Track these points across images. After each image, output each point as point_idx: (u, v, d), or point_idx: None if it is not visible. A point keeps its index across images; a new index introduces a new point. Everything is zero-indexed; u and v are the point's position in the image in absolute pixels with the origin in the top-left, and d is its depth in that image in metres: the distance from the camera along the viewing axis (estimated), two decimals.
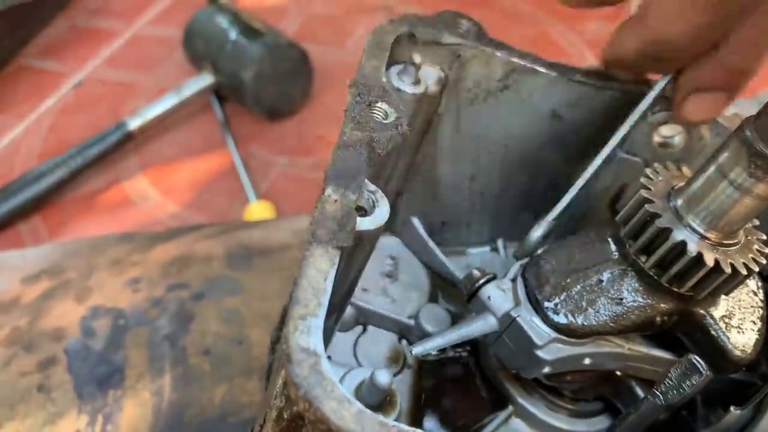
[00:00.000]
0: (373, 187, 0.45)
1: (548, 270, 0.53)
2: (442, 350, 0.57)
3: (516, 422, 0.60)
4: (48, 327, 0.86)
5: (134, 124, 1.10)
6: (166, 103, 1.13)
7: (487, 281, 0.54)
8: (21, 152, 1.14)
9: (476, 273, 0.54)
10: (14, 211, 1.02)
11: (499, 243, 0.72)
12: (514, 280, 0.54)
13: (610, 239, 0.53)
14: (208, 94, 1.18)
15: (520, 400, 0.60)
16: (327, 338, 0.57)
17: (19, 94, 1.24)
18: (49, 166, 1.05)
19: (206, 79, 1.16)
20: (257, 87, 1.11)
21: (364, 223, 0.43)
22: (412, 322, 0.64)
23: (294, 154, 1.12)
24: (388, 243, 0.70)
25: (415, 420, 0.58)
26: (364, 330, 0.64)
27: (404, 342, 0.64)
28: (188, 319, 0.87)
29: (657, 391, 0.48)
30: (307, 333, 0.37)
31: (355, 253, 0.44)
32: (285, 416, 0.38)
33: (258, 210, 1.03)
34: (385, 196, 0.45)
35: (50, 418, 0.78)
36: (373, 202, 0.45)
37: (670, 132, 0.61)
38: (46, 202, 1.05)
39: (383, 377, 0.41)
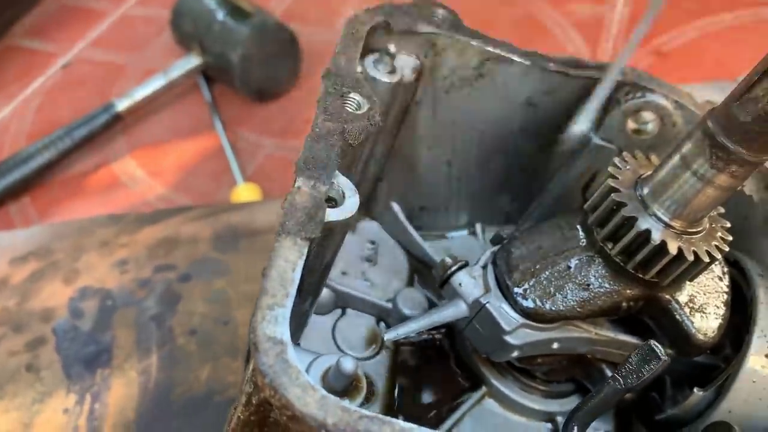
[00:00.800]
0: (343, 179, 0.46)
1: (518, 256, 0.54)
2: (419, 333, 0.59)
3: (489, 402, 0.62)
4: (36, 308, 0.88)
5: (122, 105, 1.11)
6: (154, 84, 1.14)
7: (459, 268, 0.55)
8: (9, 132, 1.15)
9: (448, 260, 0.55)
10: (3, 191, 1.03)
11: (478, 227, 0.73)
12: (485, 267, 0.55)
13: (578, 226, 0.54)
14: (196, 75, 1.18)
15: (493, 381, 0.61)
16: (302, 321, 0.58)
17: (7, 74, 1.25)
18: (37, 147, 1.05)
19: (194, 60, 1.16)
20: (245, 68, 1.11)
21: (333, 215, 0.44)
22: (390, 305, 0.65)
23: (281, 137, 1.13)
24: (369, 227, 0.71)
25: (391, 400, 0.60)
26: (343, 313, 0.65)
27: (382, 325, 0.66)
28: (175, 300, 0.88)
29: (617, 375, 0.49)
30: (274, 323, 0.38)
31: (325, 243, 0.45)
32: (253, 401, 0.39)
33: (245, 192, 1.03)
34: (355, 187, 0.46)
35: (39, 398, 0.79)
36: (343, 193, 0.46)
37: (644, 119, 0.62)
38: (35, 183, 1.06)
39: (348, 364, 0.42)
